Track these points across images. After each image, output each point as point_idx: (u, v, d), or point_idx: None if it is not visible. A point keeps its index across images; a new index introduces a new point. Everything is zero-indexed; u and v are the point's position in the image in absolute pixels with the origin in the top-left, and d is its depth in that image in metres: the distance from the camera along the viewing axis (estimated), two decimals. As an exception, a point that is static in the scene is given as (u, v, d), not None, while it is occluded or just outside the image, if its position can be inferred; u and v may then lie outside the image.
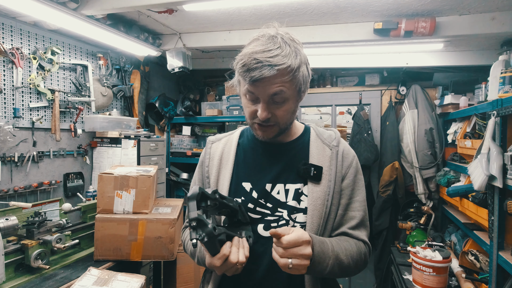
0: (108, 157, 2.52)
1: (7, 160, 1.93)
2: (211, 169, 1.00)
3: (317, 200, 0.89)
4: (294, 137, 0.99)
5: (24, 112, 2.04)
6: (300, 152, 0.96)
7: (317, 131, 1.00)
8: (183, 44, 2.63)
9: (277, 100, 0.83)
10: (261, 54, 0.77)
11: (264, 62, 0.76)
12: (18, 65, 1.95)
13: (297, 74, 0.81)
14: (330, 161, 0.93)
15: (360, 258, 0.89)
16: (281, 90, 0.80)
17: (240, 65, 0.80)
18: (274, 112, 0.84)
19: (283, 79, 0.79)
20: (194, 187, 0.72)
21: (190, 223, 0.68)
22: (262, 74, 0.76)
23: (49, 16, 1.81)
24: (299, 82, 0.83)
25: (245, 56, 0.78)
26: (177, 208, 2.06)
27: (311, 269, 0.78)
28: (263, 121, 0.85)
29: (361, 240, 0.91)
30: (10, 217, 1.66)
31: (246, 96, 0.86)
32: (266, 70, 0.76)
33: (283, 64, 0.77)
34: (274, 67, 0.76)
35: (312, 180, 0.91)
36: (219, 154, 1.01)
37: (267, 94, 0.81)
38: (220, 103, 3.28)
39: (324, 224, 0.88)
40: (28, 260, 1.61)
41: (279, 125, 0.88)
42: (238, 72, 0.83)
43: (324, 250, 0.80)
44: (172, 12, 2.14)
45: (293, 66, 0.79)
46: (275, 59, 0.76)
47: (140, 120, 2.96)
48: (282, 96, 0.82)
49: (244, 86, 0.84)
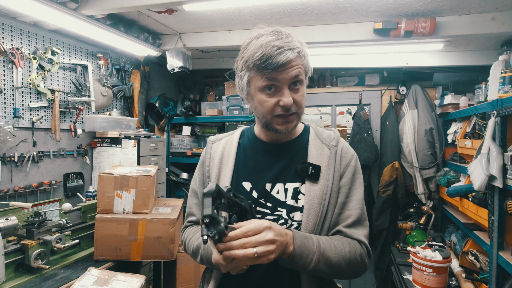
0: (108, 157, 2.52)
1: (7, 160, 1.93)
2: (211, 168, 1.01)
3: (314, 199, 0.89)
4: (293, 137, 0.99)
5: (24, 112, 2.04)
6: (299, 151, 0.96)
7: (317, 131, 1.00)
8: (183, 44, 2.63)
9: (296, 85, 0.86)
10: (277, 41, 0.81)
11: (284, 46, 0.80)
12: (18, 65, 1.95)
13: (307, 58, 0.87)
14: (329, 161, 0.93)
15: (355, 258, 0.86)
16: (299, 71, 0.84)
17: (257, 57, 0.81)
18: (294, 98, 0.86)
19: (299, 62, 0.84)
20: (211, 183, 0.71)
21: (204, 219, 0.68)
22: (288, 57, 0.80)
23: (49, 16, 1.81)
24: (307, 66, 0.88)
25: (261, 48, 0.80)
26: (177, 208, 2.06)
27: (292, 262, 0.78)
28: (286, 111, 0.85)
29: (356, 239, 0.89)
30: (10, 217, 1.66)
31: (264, 90, 0.85)
32: (289, 53, 0.80)
33: (298, 47, 0.83)
34: (294, 50, 0.82)
35: (309, 179, 0.91)
36: (220, 154, 1.01)
37: (289, 77, 0.83)
38: (220, 103, 3.28)
39: (321, 223, 0.88)
40: (28, 260, 1.61)
41: (298, 113, 0.89)
42: (253, 68, 0.83)
43: (307, 245, 0.80)
44: (172, 12, 2.14)
45: (304, 51, 0.86)
46: (292, 44, 0.82)
47: (140, 120, 2.96)
48: (300, 79, 0.86)
49: (260, 81, 0.84)
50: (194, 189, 1.06)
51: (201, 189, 1.03)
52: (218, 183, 0.97)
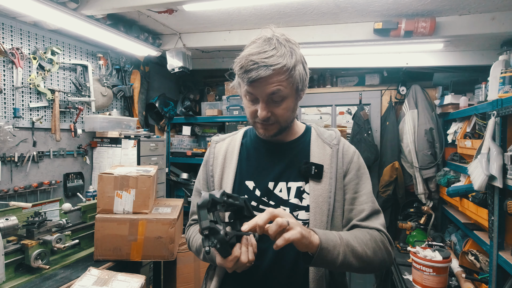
0: (108, 157, 2.52)
1: (7, 160, 1.93)
2: (215, 168, 1.03)
3: (318, 197, 0.91)
4: (295, 137, 1.02)
5: (24, 112, 2.04)
6: (301, 151, 0.99)
7: (318, 131, 1.02)
8: (183, 44, 2.63)
9: (276, 99, 0.86)
10: (257, 55, 0.81)
11: (260, 63, 0.80)
12: (18, 65, 1.95)
13: (293, 73, 0.84)
14: (331, 159, 0.95)
15: (377, 245, 0.85)
16: (278, 89, 0.83)
17: (238, 68, 0.84)
18: (273, 111, 0.87)
19: (279, 78, 0.83)
20: (204, 194, 0.73)
21: (203, 232, 0.70)
22: (259, 75, 0.80)
23: (49, 16, 1.81)
24: (296, 80, 0.86)
25: (242, 59, 0.83)
26: (177, 208, 2.06)
27: (321, 256, 0.75)
28: (263, 121, 0.89)
29: (373, 228, 0.89)
30: (10, 217, 1.66)
31: (246, 97, 0.90)
32: (262, 71, 0.80)
33: (278, 64, 0.81)
34: (270, 67, 0.80)
35: (313, 178, 0.93)
36: (223, 153, 1.04)
37: (265, 93, 0.84)
38: (220, 103, 3.28)
39: (330, 221, 0.89)
40: (28, 260, 1.61)
41: (280, 123, 0.91)
42: (237, 75, 0.87)
43: (330, 237, 0.78)
44: (172, 12, 2.14)
45: (288, 66, 0.82)
46: (271, 60, 0.80)
47: (140, 120, 2.96)
48: (280, 95, 0.85)
49: (243, 88, 0.88)
50: (198, 188, 1.08)
51: (205, 188, 1.05)
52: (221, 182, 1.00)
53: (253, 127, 0.97)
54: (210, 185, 1.03)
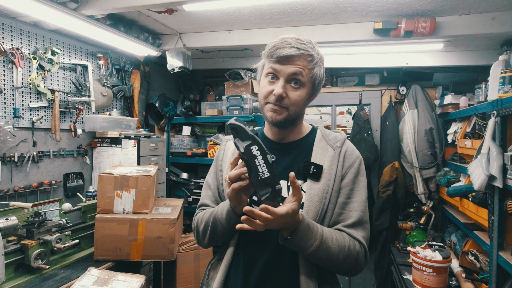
0: (108, 157, 2.52)
1: (7, 160, 1.93)
2: (224, 163, 1.08)
3: (314, 197, 0.93)
4: (300, 136, 1.04)
5: (24, 112, 2.04)
6: (304, 150, 1.01)
7: (324, 132, 1.05)
8: (183, 44, 2.63)
9: (294, 82, 0.92)
10: (292, 39, 0.90)
11: (293, 44, 0.89)
12: (18, 65, 1.95)
13: (316, 65, 0.93)
14: (332, 161, 0.97)
15: (351, 254, 0.89)
16: (300, 71, 0.90)
17: (270, 47, 0.92)
18: (288, 93, 0.92)
19: (304, 63, 0.91)
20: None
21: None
22: (290, 52, 0.88)
23: (49, 16, 1.81)
24: (315, 74, 0.93)
25: (277, 40, 0.92)
26: (177, 208, 2.06)
27: (294, 239, 0.83)
28: (276, 101, 0.91)
29: (356, 238, 0.92)
30: (10, 217, 1.66)
31: (267, 76, 0.94)
32: (293, 50, 0.89)
33: (308, 50, 0.90)
34: (300, 49, 0.89)
35: (311, 177, 0.95)
36: (232, 150, 1.09)
37: (287, 72, 0.90)
38: (220, 103, 3.28)
39: (320, 220, 0.92)
40: (28, 260, 1.61)
41: (289, 109, 0.93)
42: (265, 55, 0.94)
43: (311, 228, 0.85)
44: (172, 12, 2.14)
45: (314, 57, 0.92)
46: (303, 45, 0.90)
47: (140, 120, 2.96)
48: (300, 79, 0.91)
49: (266, 68, 0.94)
50: (209, 182, 1.13)
51: (215, 182, 1.09)
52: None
53: (262, 110, 0.98)
54: (219, 179, 1.07)
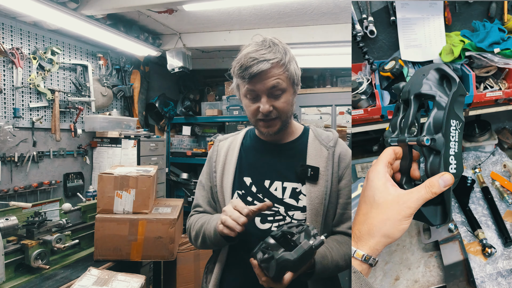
0: (108, 157, 2.52)
1: (7, 160, 1.93)
2: (217, 163, 1.08)
3: (315, 199, 0.94)
4: (293, 138, 1.04)
5: (24, 112, 2.04)
6: (298, 152, 1.01)
7: (316, 132, 1.05)
8: (183, 44, 2.63)
9: (276, 93, 0.90)
10: (255, 53, 0.87)
11: (259, 58, 0.86)
12: (18, 65, 1.95)
13: (289, 67, 0.91)
14: (327, 162, 0.98)
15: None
16: (278, 82, 0.89)
17: (237, 67, 0.89)
18: (274, 104, 0.91)
19: (277, 72, 0.89)
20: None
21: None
22: (260, 69, 0.85)
23: (49, 16, 1.81)
24: (291, 74, 0.92)
25: (241, 58, 0.88)
26: (177, 208, 2.06)
27: (316, 276, 0.85)
28: (266, 116, 0.91)
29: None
30: (10, 217, 1.66)
31: (246, 97, 0.94)
32: (262, 64, 0.85)
33: (276, 58, 0.87)
34: (269, 61, 0.86)
35: (309, 180, 0.96)
36: (225, 151, 1.09)
37: (266, 87, 0.89)
38: (220, 103, 3.28)
39: (323, 221, 0.94)
40: (28, 260, 1.61)
41: (281, 117, 0.94)
42: (236, 75, 0.92)
43: (325, 265, 0.87)
44: (172, 12, 2.14)
45: (284, 60, 0.89)
46: (268, 55, 0.87)
47: (140, 120, 2.96)
48: (280, 88, 0.90)
49: (243, 87, 0.92)
50: (202, 182, 1.13)
51: (208, 183, 1.10)
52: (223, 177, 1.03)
53: (255, 126, 1.00)
54: (212, 180, 1.07)
